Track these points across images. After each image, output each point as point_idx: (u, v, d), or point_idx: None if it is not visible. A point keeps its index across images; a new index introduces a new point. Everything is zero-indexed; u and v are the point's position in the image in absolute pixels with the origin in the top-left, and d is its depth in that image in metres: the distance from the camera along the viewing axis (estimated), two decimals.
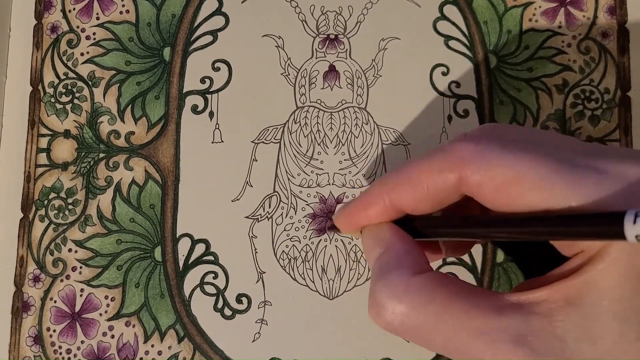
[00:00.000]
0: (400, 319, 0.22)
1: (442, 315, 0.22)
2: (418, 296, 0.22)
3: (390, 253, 0.24)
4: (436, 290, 0.22)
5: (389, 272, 0.23)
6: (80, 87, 0.34)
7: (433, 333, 0.22)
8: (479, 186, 0.22)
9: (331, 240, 0.32)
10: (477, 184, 0.22)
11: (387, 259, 0.24)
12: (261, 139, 0.33)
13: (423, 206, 0.24)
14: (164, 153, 0.33)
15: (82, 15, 0.35)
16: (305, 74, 0.34)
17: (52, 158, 0.33)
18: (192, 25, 0.34)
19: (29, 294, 0.32)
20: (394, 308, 0.22)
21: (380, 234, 0.25)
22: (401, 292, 0.22)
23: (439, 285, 0.22)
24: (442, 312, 0.22)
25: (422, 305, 0.22)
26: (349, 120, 0.33)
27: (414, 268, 0.23)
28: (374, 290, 0.23)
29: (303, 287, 0.32)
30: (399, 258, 0.24)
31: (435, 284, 0.22)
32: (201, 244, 0.32)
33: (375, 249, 0.25)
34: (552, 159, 0.21)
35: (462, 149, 0.23)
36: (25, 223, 0.33)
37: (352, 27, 0.34)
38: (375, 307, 0.23)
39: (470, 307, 0.22)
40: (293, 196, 0.33)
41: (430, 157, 0.24)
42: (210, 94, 0.34)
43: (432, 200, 0.24)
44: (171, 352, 0.32)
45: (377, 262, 0.24)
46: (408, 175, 0.24)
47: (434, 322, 0.22)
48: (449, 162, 0.23)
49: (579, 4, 0.34)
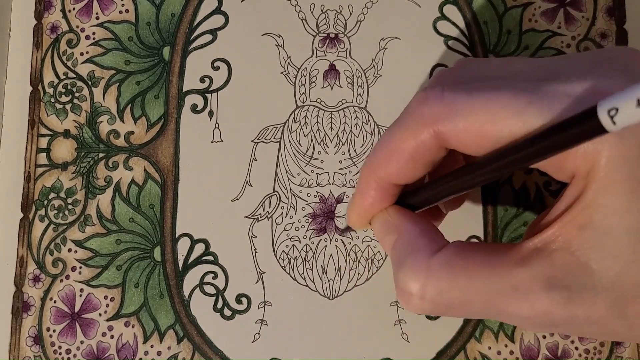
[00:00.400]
0: (430, 302, 0.22)
1: (470, 286, 0.22)
2: (442, 275, 0.22)
3: (404, 238, 0.24)
4: (457, 264, 0.22)
5: (408, 258, 0.23)
6: (80, 87, 0.34)
7: (467, 305, 0.22)
8: (457, 138, 0.22)
9: (331, 240, 0.32)
10: (454, 137, 0.22)
11: (402, 244, 0.24)
12: (261, 139, 0.33)
13: (413, 173, 0.24)
14: (164, 153, 0.33)
15: (82, 15, 0.35)
16: (305, 73, 0.34)
17: (52, 158, 0.33)
18: (192, 25, 0.34)
19: (29, 294, 0.32)
20: (422, 293, 0.22)
21: (389, 221, 0.25)
22: (424, 276, 0.22)
23: (459, 258, 0.22)
24: (469, 283, 0.22)
25: (448, 283, 0.22)
26: (349, 119, 0.33)
27: (430, 247, 0.23)
28: (398, 279, 0.23)
29: (303, 287, 0.32)
30: (414, 241, 0.24)
31: (455, 257, 0.22)
32: (201, 244, 0.32)
33: (387, 237, 0.25)
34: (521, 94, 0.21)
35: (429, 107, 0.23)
36: (25, 223, 0.33)
37: (352, 26, 0.34)
38: (404, 296, 0.23)
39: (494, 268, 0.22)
40: (293, 196, 0.33)
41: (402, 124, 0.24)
42: (210, 93, 0.34)
43: (419, 164, 0.24)
44: (170, 352, 0.32)
45: (393, 250, 0.24)
46: (388, 149, 0.24)
47: (464, 295, 0.22)
48: (422, 124, 0.23)
49: (578, 5, 0.34)
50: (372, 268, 0.32)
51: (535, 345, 0.32)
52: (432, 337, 0.32)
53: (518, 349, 0.32)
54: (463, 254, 0.23)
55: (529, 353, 0.31)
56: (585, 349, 0.32)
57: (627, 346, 0.32)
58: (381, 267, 0.32)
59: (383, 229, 0.26)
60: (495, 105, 0.21)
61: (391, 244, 0.25)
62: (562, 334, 0.26)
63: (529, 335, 0.32)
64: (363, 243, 0.32)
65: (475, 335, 0.32)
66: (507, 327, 0.32)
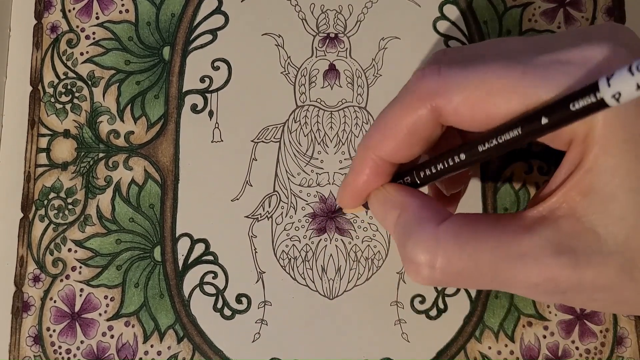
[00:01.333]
0: (440, 271, 0.22)
1: (478, 253, 0.22)
2: (450, 243, 0.22)
3: (408, 212, 0.24)
4: (465, 232, 0.22)
5: (414, 229, 0.23)
6: (80, 87, 0.34)
7: (476, 274, 0.22)
8: (455, 112, 0.22)
9: (331, 240, 0.32)
10: (452, 112, 0.22)
11: (407, 218, 0.24)
12: (261, 138, 0.33)
13: (411, 151, 0.24)
14: (164, 152, 0.33)
15: (82, 14, 0.35)
16: (305, 73, 0.34)
17: (52, 158, 0.33)
18: (192, 24, 0.34)
19: (29, 293, 0.32)
20: (431, 262, 0.22)
21: (390, 198, 0.25)
22: (433, 245, 0.22)
23: (467, 226, 0.22)
24: (477, 251, 0.22)
25: (457, 251, 0.22)
26: (349, 119, 0.33)
27: (436, 218, 0.23)
28: (406, 251, 0.23)
29: (303, 287, 0.32)
30: (419, 213, 0.24)
31: (463, 226, 0.22)
32: (201, 244, 0.32)
33: (389, 213, 0.25)
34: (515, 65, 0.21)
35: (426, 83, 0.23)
36: (25, 223, 0.33)
37: (352, 26, 0.34)
38: (413, 267, 0.23)
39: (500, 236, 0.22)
40: (293, 195, 0.33)
41: (399, 101, 0.24)
42: (210, 93, 0.34)
43: (417, 142, 0.24)
44: (170, 352, 0.31)
45: (397, 224, 0.24)
46: (385, 126, 0.24)
47: (473, 263, 0.22)
48: (419, 99, 0.23)
49: (578, 5, 0.34)
50: (372, 268, 0.32)
51: (535, 345, 0.32)
52: (432, 337, 0.32)
53: (518, 348, 0.32)
54: (469, 223, 0.23)
55: (530, 353, 0.31)
56: (586, 348, 0.31)
57: (628, 346, 0.32)
58: (381, 267, 0.32)
59: (383, 207, 0.25)
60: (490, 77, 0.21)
61: (394, 220, 0.24)
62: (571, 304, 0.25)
63: (529, 335, 0.32)
64: (363, 243, 0.32)
65: (475, 335, 0.32)
66: (508, 327, 0.32)
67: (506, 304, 0.32)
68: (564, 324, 0.32)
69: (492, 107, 0.21)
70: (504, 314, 0.32)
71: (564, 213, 0.21)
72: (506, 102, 0.21)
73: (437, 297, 0.32)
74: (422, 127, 0.23)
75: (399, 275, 0.32)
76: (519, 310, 0.32)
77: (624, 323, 0.32)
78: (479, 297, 0.32)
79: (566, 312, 0.32)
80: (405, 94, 0.24)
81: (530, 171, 0.33)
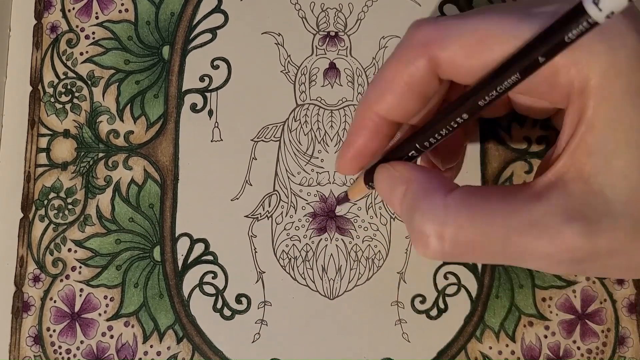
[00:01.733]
0: (450, 242, 0.22)
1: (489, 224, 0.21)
2: (460, 212, 0.22)
3: (414, 185, 0.23)
4: (474, 201, 0.22)
5: (422, 201, 0.23)
6: (80, 87, 0.34)
7: (487, 245, 0.21)
8: (452, 61, 0.22)
9: (331, 239, 0.32)
10: (449, 60, 0.22)
11: (414, 190, 0.23)
12: (261, 137, 0.33)
13: (410, 106, 0.24)
14: (163, 152, 0.33)
15: (82, 14, 0.34)
16: (305, 72, 0.34)
17: (51, 158, 0.33)
18: (191, 23, 0.34)
19: (29, 293, 0.32)
20: (441, 232, 0.22)
21: (395, 174, 0.25)
22: (442, 214, 0.22)
23: (475, 196, 0.22)
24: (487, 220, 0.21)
25: (467, 220, 0.21)
26: (350, 118, 0.33)
27: (444, 188, 0.23)
28: (414, 223, 0.22)
29: (303, 287, 0.32)
30: (426, 185, 0.23)
31: (471, 196, 0.22)
32: (200, 244, 0.32)
33: (395, 189, 0.24)
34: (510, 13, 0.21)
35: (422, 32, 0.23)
36: (25, 223, 0.33)
37: (352, 24, 0.34)
38: (421, 239, 0.22)
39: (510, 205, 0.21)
40: (293, 195, 0.33)
41: (396, 54, 0.23)
42: (210, 92, 0.33)
43: (415, 96, 0.24)
44: (170, 352, 0.31)
45: (404, 199, 0.24)
46: (383, 80, 0.24)
47: (484, 233, 0.21)
48: (415, 48, 0.23)
49: None
50: (373, 268, 0.32)
51: (536, 345, 0.31)
52: (433, 337, 0.31)
53: (519, 348, 0.31)
54: (478, 193, 0.22)
55: (531, 353, 0.31)
56: (588, 348, 0.31)
57: (630, 346, 0.31)
58: (382, 266, 0.32)
59: (389, 183, 0.25)
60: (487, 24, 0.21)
61: (401, 195, 0.24)
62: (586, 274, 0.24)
63: (530, 335, 0.31)
64: (364, 243, 0.32)
65: (476, 334, 0.31)
66: (508, 327, 0.32)
67: (507, 303, 0.32)
68: (565, 324, 0.32)
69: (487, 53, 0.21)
70: (504, 314, 0.32)
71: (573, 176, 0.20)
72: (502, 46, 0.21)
73: (438, 297, 0.32)
74: (420, 79, 0.23)
75: (399, 275, 0.32)
76: (520, 310, 0.32)
77: (626, 323, 0.32)
78: (480, 297, 0.32)
79: (567, 312, 0.32)
80: (402, 46, 0.23)
81: (530, 171, 0.33)
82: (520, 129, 0.33)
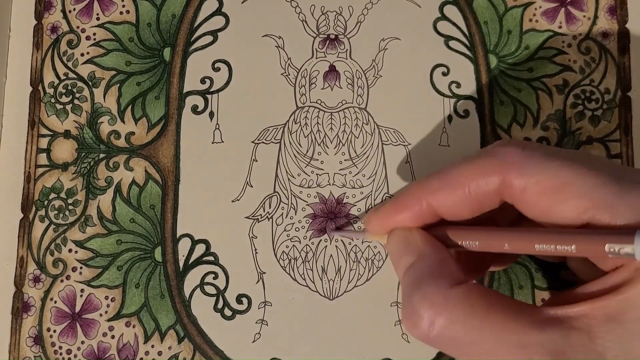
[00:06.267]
0: (438, 331, 0.22)
1: (481, 329, 0.21)
2: (458, 308, 0.22)
3: (423, 262, 0.24)
4: (476, 303, 0.22)
5: (426, 282, 0.23)
6: (81, 88, 0.34)
7: (471, 346, 0.22)
8: (523, 191, 0.22)
9: (331, 240, 0.32)
10: (521, 189, 0.22)
11: (421, 268, 0.24)
12: (261, 139, 0.33)
13: (461, 211, 0.24)
14: (164, 153, 0.33)
15: (82, 15, 0.35)
16: (305, 74, 0.34)
17: (52, 158, 0.33)
18: (192, 26, 0.34)
19: (29, 294, 0.32)
20: (434, 320, 0.22)
21: (411, 241, 0.25)
22: (441, 304, 0.22)
23: (479, 298, 0.22)
24: (481, 326, 0.21)
25: (462, 318, 0.22)
26: (349, 120, 0.33)
27: (451, 279, 0.23)
28: (412, 301, 0.23)
29: (303, 287, 0.32)
30: (434, 267, 0.23)
31: (475, 296, 0.22)
32: (201, 245, 0.32)
33: (405, 256, 0.25)
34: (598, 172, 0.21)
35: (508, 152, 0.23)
36: (26, 223, 0.33)
37: (352, 27, 0.34)
38: (413, 318, 0.23)
39: (509, 320, 0.21)
40: (293, 196, 0.33)
41: (474, 160, 0.24)
42: (211, 94, 0.34)
43: (471, 205, 0.24)
44: (171, 352, 0.32)
45: (409, 270, 0.24)
46: (450, 178, 0.24)
47: (473, 336, 0.22)
48: (495, 164, 0.23)
49: (580, 4, 0.34)
50: (372, 268, 0.32)
51: None
52: None
53: None
54: (483, 295, 0.22)
55: None
56: None
57: None
58: (381, 267, 0.32)
59: (402, 248, 0.25)
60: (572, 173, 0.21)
61: (407, 265, 0.24)
62: None
63: None
64: (363, 244, 0.32)
65: None
66: None
67: None
68: None
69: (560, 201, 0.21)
70: None
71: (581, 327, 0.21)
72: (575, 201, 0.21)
73: None
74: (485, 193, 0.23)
75: None
76: None
77: None
78: None
79: None
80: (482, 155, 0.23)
81: None
82: (520, 130, 0.33)
